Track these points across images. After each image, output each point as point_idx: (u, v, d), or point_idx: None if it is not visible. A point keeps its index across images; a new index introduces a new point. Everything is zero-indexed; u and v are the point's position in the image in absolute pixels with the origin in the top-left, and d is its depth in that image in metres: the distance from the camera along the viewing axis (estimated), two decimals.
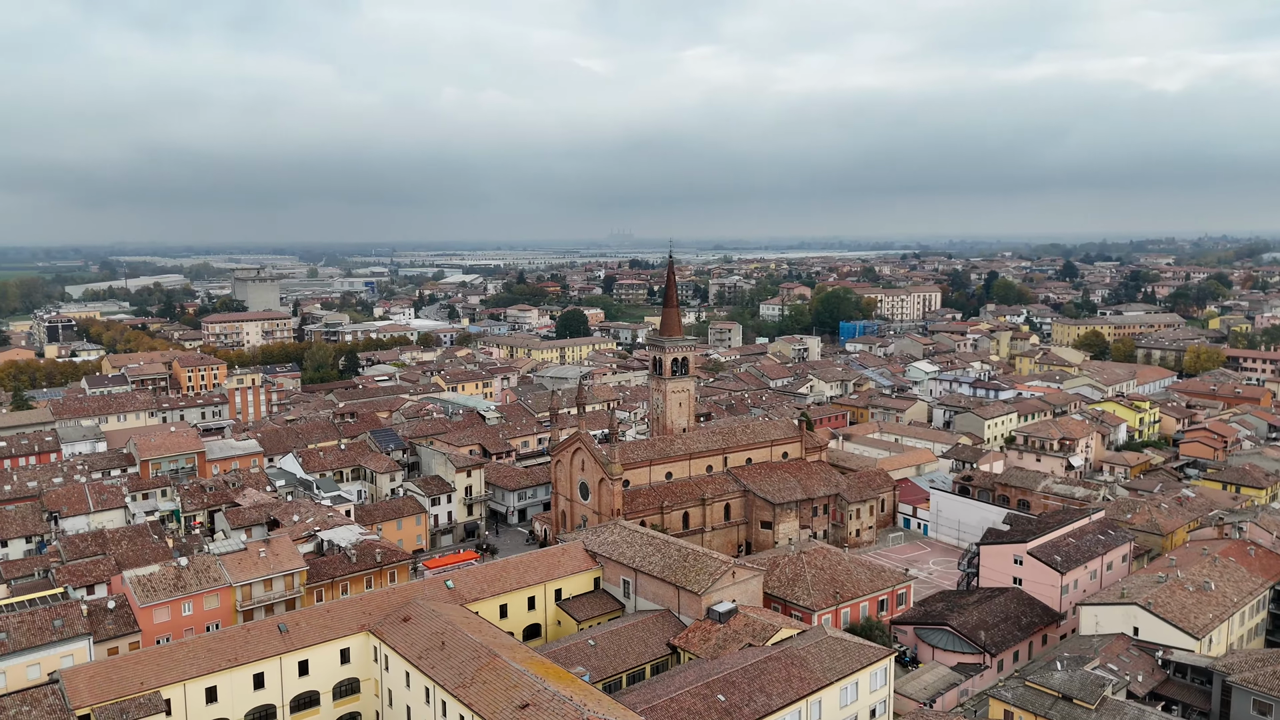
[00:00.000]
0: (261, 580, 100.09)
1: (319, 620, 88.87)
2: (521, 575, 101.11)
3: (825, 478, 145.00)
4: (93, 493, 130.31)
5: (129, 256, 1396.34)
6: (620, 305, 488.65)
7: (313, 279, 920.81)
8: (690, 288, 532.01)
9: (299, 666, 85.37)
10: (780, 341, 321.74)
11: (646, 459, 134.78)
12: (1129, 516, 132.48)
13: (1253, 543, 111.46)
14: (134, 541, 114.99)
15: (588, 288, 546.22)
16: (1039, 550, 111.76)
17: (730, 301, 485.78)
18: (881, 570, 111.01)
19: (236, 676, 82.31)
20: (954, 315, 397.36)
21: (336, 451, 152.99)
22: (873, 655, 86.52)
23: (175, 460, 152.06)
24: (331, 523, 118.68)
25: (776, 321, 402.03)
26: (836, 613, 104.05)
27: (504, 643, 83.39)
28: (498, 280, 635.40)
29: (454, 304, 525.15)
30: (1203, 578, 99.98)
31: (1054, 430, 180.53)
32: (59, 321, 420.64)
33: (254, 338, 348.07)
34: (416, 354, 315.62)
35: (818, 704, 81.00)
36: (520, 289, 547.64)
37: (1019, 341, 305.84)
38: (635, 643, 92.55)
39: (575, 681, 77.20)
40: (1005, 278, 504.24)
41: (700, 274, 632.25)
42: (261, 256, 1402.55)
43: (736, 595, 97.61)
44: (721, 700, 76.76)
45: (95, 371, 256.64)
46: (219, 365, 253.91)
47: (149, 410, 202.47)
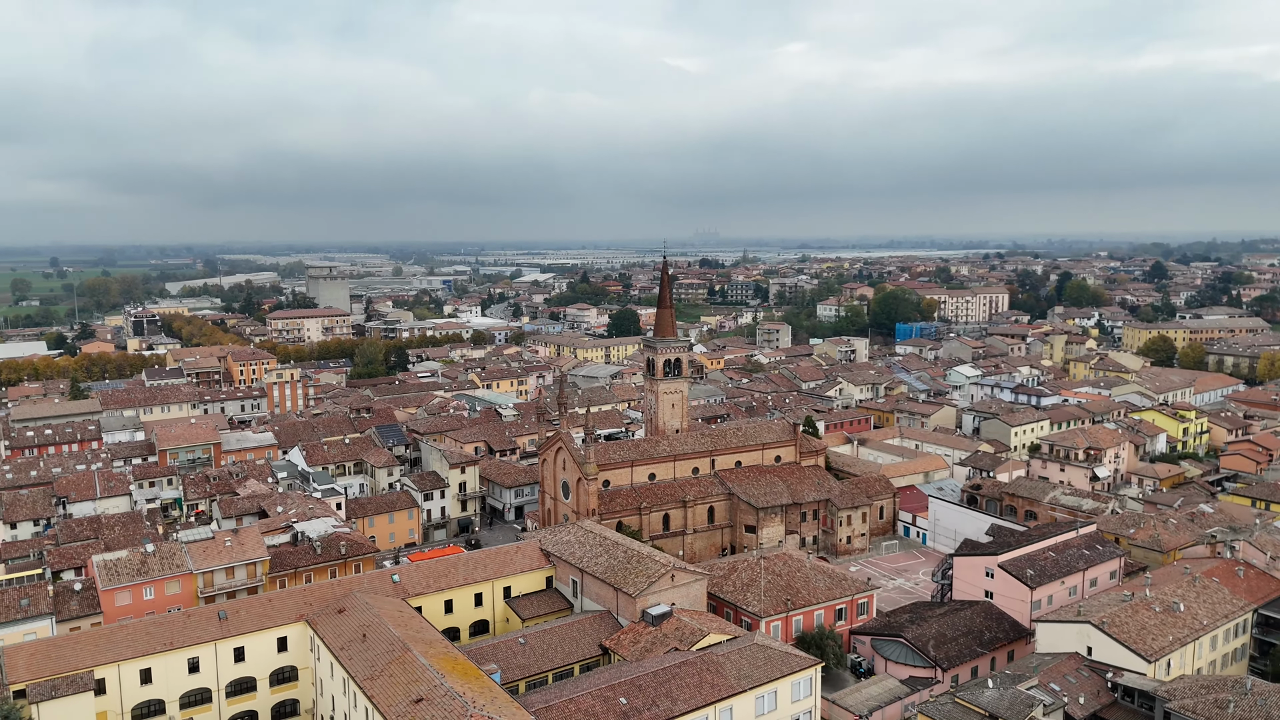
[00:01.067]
0: (223, 568, 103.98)
1: (259, 609, 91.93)
2: (469, 572, 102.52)
3: (817, 483, 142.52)
4: (101, 480, 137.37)
5: (235, 255, 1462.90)
6: (680, 305, 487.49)
7: (397, 277, 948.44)
8: (751, 287, 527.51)
9: (235, 653, 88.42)
10: (827, 343, 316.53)
11: (628, 459, 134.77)
12: (1131, 532, 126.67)
13: (1244, 563, 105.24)
14: (126, 527, 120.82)
15: (649, 287, 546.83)
16: (1010, 564, 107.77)
17: (790, 302, 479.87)
18: (843, 579, 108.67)
19: (171, 660, 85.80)
20: (1017, 318, 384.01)
21: (341, 446, 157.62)
22: (796, 664, 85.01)
23: (192, 450, 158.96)
24: (313, 514, 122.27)
25: (832, 322, 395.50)
26: (787, 620, 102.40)
27: (423, 637, 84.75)
28: (567, 279, 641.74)
29: (519, 303, 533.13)
30: (1174, 598, 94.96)
31: (1080, 439, 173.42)
32: (144, 317, 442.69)
33: (315, 333, 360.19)
34: (467, 351, 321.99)
35: (728, 711, 79.95)
36: (583, 288, 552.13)
37: (1074, 346, 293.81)
38: (567, 643, 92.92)
39: (480, 679, 78.02)
40: (1079, 279, 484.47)
41: (769, 274, 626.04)
42: (356, 255, 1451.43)
43: (676, 599, 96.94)
44: (623, 703, 76.54)
45: (156, 365, 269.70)
46: (269, 359, 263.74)
47: (191, 402, 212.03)
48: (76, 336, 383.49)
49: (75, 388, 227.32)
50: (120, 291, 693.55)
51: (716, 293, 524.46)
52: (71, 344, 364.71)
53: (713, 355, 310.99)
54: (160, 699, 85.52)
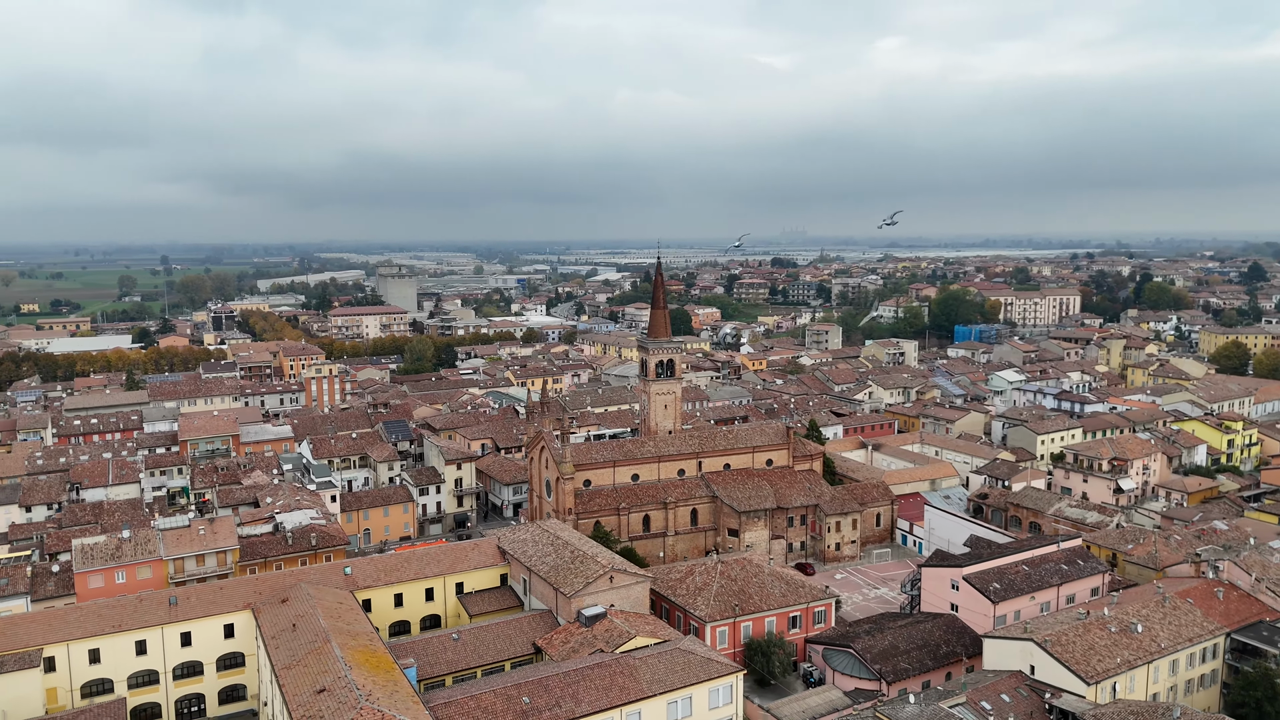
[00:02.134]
0: (194, 556, 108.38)
1: (209, 596, 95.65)
2: (421, 567, 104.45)
3: (808, 487, 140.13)
4: (115, 468, 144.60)
5: (330, 253, 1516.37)
6: (738, 304, 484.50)
7: (477, 275, 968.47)
8: (813, 288, 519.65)
9: (182, 637, 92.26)
10: (874, 345, 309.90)
11: (610, 460, 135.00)
12: (1129, 548, 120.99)
13: (1226, 584, 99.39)
14: (126, 513, 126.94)
15: (710, 286, 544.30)
16: (975, 576, 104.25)
17: (852, 302, 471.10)
18: (801, 586, 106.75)
19: (119, 641, 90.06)
20: (1085, 321, 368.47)
21: (347, 440, 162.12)
22: (716, 671, 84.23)
23: (211, 441, 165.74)
24: (298, 506, 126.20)
25: (890, 324, 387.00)
26: (735, 625, 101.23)
27: (351, 630, 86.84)
28: (632, 279, 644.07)
29: (584, 302, 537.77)
30: (1134, 619, 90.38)
31: (1105, 449, 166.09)
32: (223, 313, 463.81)
33: (373, 330, 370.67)
34: (517, 349, 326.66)
35: (636, 714, 79.75)
36: (645, 287, 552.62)
37: (1133, 351, 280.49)
38: (501, 640, 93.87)
39: (390, 673, 79.52)
40: (1160, 280, 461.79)
41: (839, 274, 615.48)
42: (444, 254, 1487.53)
43: (616, 600, 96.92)
44: (525, 702, 77.10)
45: (214, 359, 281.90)
46: (318, 354, 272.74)
47: (233, 395, 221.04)
48: (157, 331, 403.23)
49: (130, 379, 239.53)
50: (214, 288, 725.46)
51: (778, 292, 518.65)
52: (152, 338, 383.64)
53: (758, 356, 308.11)
54: (109, 678, 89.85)
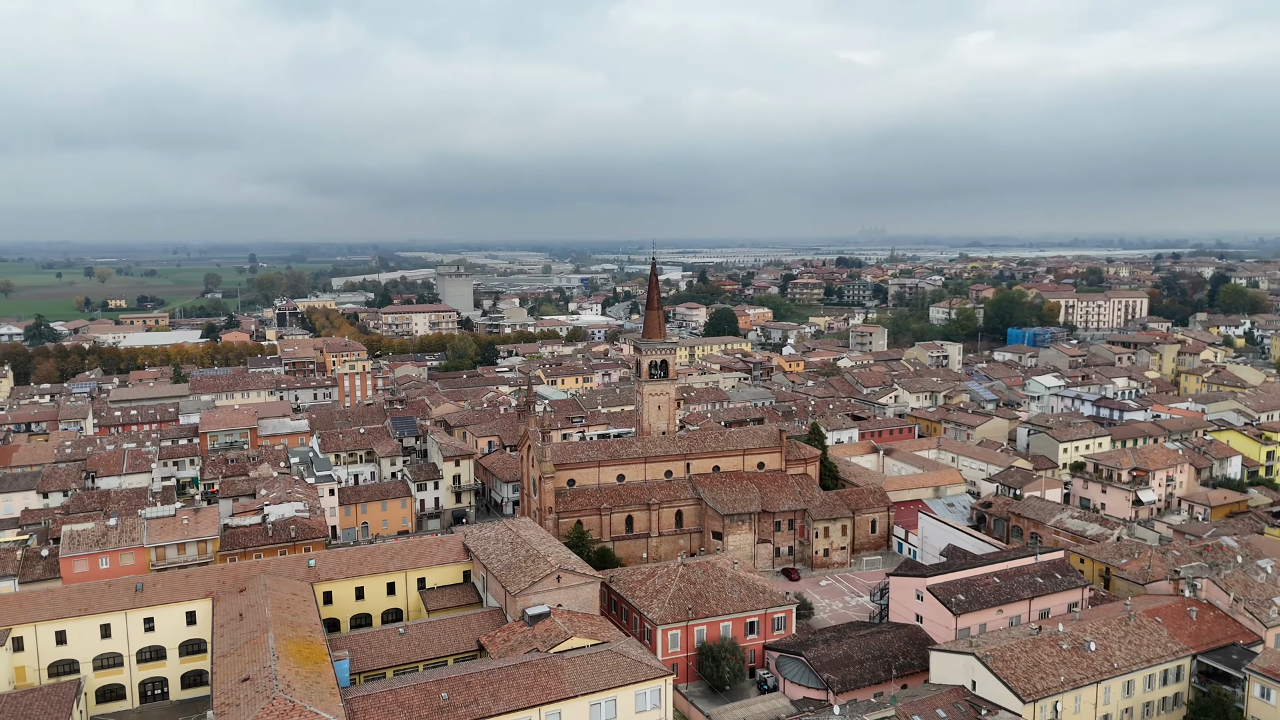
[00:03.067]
0: (175, 544, 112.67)
1: (175, 583, 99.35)
2: (384, 561, 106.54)
3: (798, 492, 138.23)
4: (130, 458, 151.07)
5: (410, 252, 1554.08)
6: (791, 304, 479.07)
7: (545, 274, 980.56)
8: (870, 288, 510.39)
9: (145, 623, 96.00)
10: (918, 347, 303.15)
11: (594, 460, 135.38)
12: (1123, 562, 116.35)
13: (1204, 603, 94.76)
14: (130, 501, 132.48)
15: (765, 286, 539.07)
16: (939, 587, 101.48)
17: (909, 304, 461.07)
18: (761, 592, 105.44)
19: (85, 625, 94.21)
20: (1144, 324, 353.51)
21: (355, 435, 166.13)
22: (644, 674, 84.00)
23: (230, 434, 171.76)
24: (291, 498, 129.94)
25: (942, 326, 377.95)
26: (687, 629, 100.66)
27: (295, 621, 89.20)
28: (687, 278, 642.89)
29: (639, 301, 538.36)
30: (1090, 636, 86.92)
31: (1126, 459, 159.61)
32: (287, 309, 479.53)
33: (422, 328, 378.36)
34: (559, 348, 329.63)
35: (557, 714, 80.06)
36: (699, 287, 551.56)
37: (1187, 357, 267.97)
38: (447, 636, 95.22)
39: (319, 665, 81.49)
40: (1238, 283, 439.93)
41: (904, 274, 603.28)
42: (517, 253, 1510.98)
43: (564, 600, 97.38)
44: (444, 698, 78.15)
45: (261, 354, 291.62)
46: (359, 350, 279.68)
47: (269, 389, 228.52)
48: (224, 326, 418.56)
49: (177, 373, 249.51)
50: (289, 285, 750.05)
51: (834, 293, 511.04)
52: (217, 333, 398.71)
53: (799, 357, 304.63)
54: (75, 659, 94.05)
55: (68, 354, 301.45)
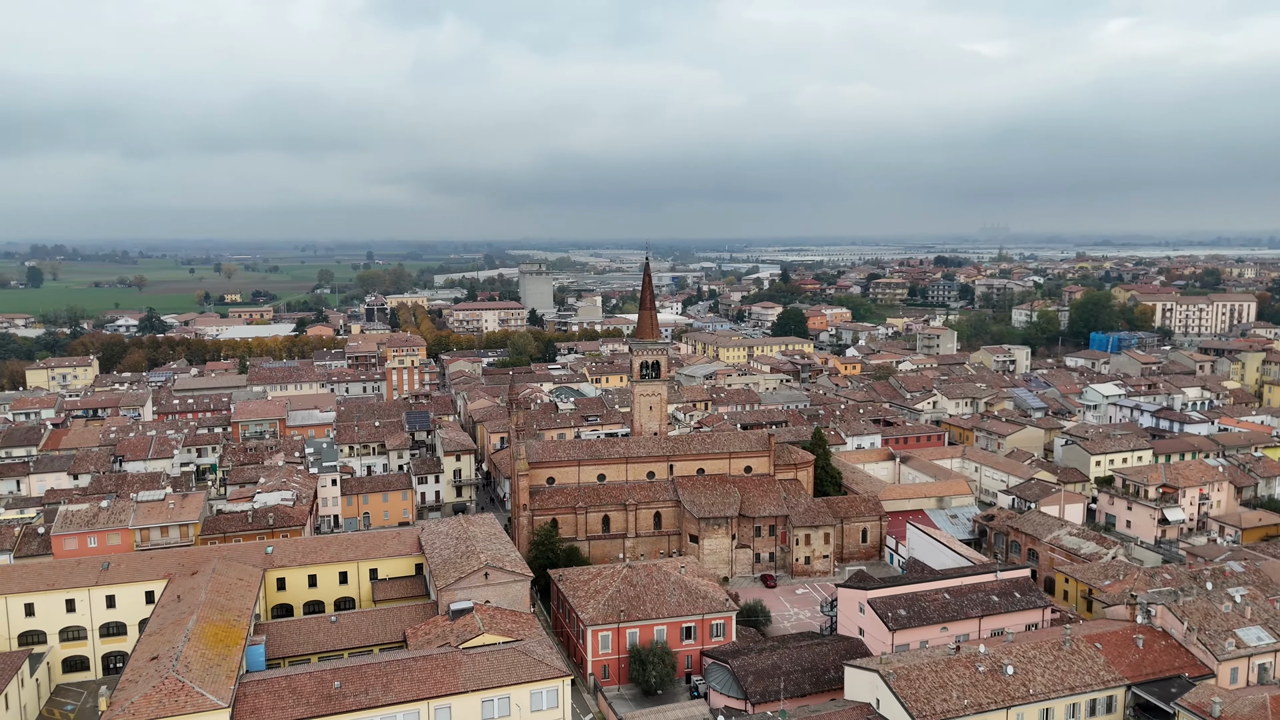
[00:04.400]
0: (159, 527, 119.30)
1: (139, 564, 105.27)
2: (338, 551, 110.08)
3: (784, 497, 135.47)
4: (156, 444, 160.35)
5: (518, 250, 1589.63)
6: (872, 305, 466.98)
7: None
8: (955, 288, 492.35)
9: (107, 599, 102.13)
10: (983, 351, 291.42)
11: (574, 459, 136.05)
12: (1106, 584, 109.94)
13: (1157, 631, 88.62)
14: (146, 485, 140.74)
15: (847, 286, 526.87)
16: (879, 601, 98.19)
17: (995, 305, 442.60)
18: (702, 597, 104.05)
19: (51, 598, 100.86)
20: (1245, 330, 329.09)
21: (370, 428, 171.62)
22: (542, 674, 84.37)
23: (260, 424, 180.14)
24: (284, 487, 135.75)
25: (1022, 329, 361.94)
26: (619, 631, 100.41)
27: (226, 605, 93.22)
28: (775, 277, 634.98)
29: (721, 300, 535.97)
30: (1011, 659, 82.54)
31: (1154, 475, 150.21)
32: (375, 305, 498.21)
33: (491, 324, 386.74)
34: (618, 345, 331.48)
35: (447, 709, 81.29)
36: (779, 286, 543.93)
37: (1273, 366, 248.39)
38: (376, 627, 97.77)
39: (230, 649, 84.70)
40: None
41: (1002, 275, 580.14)
42: (619, 251, 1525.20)
43: (492, 596, 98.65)
44: (336, 686, 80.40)
45: (326, 348, 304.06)
46: (419, 345, 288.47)
47: (321, 381, 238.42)
48: (313, 321, 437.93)
49: (242, 364, 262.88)
50: (392, 282, 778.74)
51: (918, 293, 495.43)
52: (305, 327, 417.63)
53: (859, 360, 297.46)
54: (43, 630, 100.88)
55: (159, 345, 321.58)
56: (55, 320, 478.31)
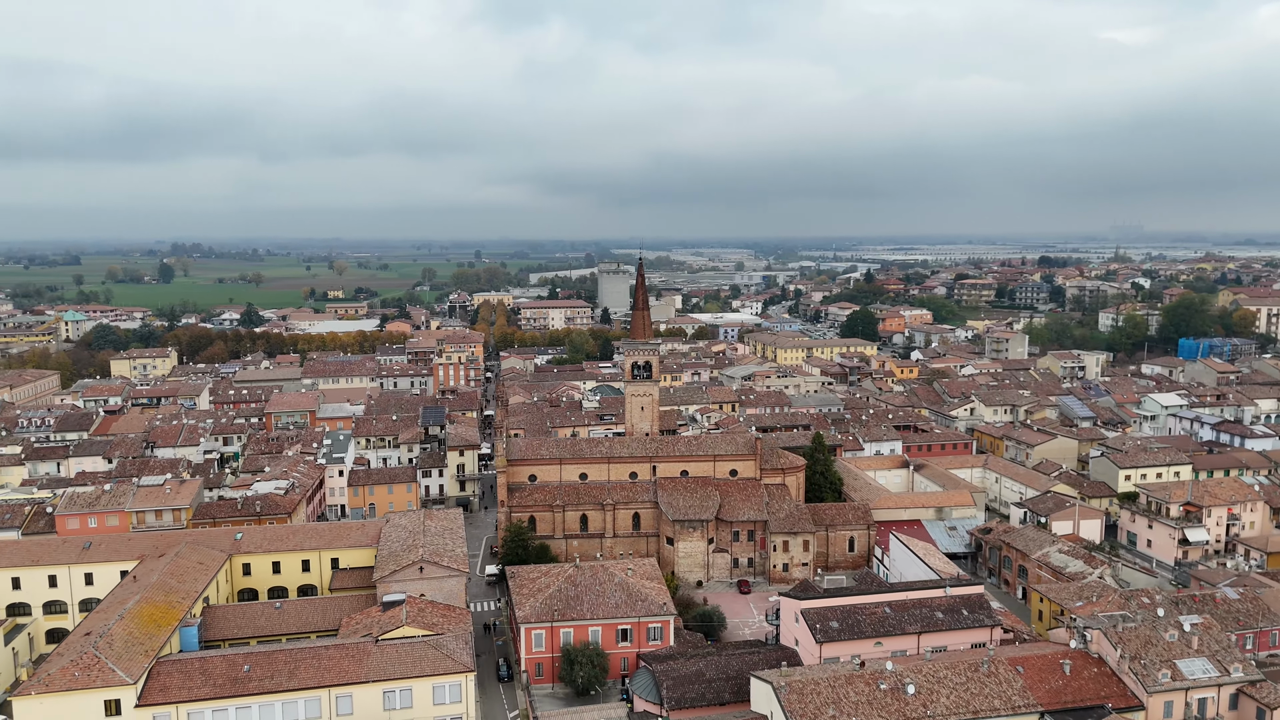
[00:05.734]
0: (153, 510, 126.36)
1: (118, 545, 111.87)
2: (302, 540, 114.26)
3: (764, 502, 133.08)
4: (186, 432, 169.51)
5: (621, 249, 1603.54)
6: (955, 306, 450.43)
7: (738, 270, 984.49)
8: (1045, 290, 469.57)
9: (85, 577, 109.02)
10: (1050, 357, 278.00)
11: (556, 457, 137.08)
12: (1079, 604, 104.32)
13: (1092, 657, 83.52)
14: (164, 470, 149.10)
15: (932, 286, 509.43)
16: (812, 613, 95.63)
17: (1087, 308, 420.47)
18: (642, 600, 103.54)
19: (35, 573, 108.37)
20: None
21: (388, 421, 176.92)
22: (444, 669, 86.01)
23: (292, 415, 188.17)
24: (284, 477, 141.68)
25: (1106, 334, 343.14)
26: (552, 630, 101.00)
27: (173, 587, 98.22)
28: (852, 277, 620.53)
29: (801, 301, 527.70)
30: (915, 678, 79.34)
31: (1178, 492, 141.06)
32: (458, 302, 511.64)
33: (557, 322, 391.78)
34: (678, 345, 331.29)
35: (348, 698, 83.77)
36: (861, 286, 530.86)
37: None
38: (317, 614, 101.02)
39: (160, 629, 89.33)
40: None
41: (1106, 276, 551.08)
42: (721, 250, 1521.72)
43: (427, 590, 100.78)
44: (245, 670, 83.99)
45: (388, 343, 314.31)
46: (476, 344, 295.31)
47: (370, 376, 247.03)
48: (394, 317, 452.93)
49: (303, 358, 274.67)
50: (487, 280, 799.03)
51: (1004, 295, 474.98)
52: (385, 323, 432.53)
53: (918, 363, 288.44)
54: (28, 603, 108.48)
55: (241, 338, 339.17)
56: (169, 314, 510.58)
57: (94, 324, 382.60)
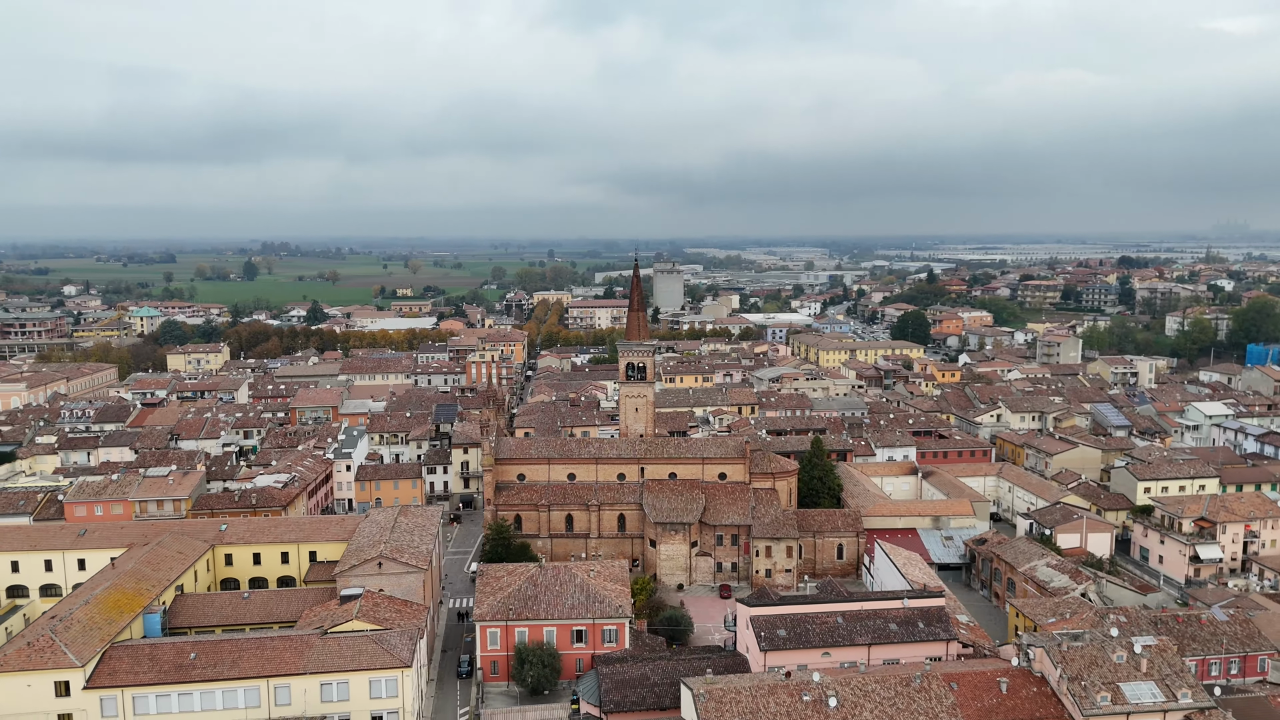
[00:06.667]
0: (155, 500, 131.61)
1: (111, 532, 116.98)
2: (282, 534, 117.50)
3: (750, 507, 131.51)
4: (210, 425, 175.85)
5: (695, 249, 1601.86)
6: (1018, 308, 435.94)
7: (807, 270, 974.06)
8: (1115, 292, 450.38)
9: (78, 562, 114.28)
10: (1100, 362, 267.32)
11: (544, 456, 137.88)
12: (1050, 621, 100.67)
13: (1035, 676, 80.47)
14: (182, 461, 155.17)
15: (995, 287, 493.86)
16: (761, 620, 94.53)
17: (1159, 310, 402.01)
18: (599, 601, 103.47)
19: (33, 557, 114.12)
20: None
21: (402, 418, 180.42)
22: (380, 664, 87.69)
23: (316, 410, 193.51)
24: (290, 470, 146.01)
25: (1171, 338, 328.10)
26: (507, 629, 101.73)
27: (145, 575, 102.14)
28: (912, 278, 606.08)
29: (862, 302, 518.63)
30: (843, 692, 77.70)
31: (1190, 506, 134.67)
32: (514, 301, 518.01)
33: (604, 321, 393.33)
34: (720, 345, 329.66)
35: (286, 688, 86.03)
36: (922, 287, 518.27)
37: None
38: (281, 606, 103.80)
39: (121, 614, 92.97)
40: None
41: (1190, 277, 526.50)
42: (794, 249, 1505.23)
43: (386, 585, 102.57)
44: (191, 658, 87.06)
45: (437, 340, 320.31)
46: (516, 343, 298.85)
47: (405, 373, 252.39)
48: (450, 315, 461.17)
49: (344, 353, 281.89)
50: (551, 278, 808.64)
51: (1069, 296, 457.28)
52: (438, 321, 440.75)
53: (965, 367, 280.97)
54: (25, 585, 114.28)
55: (296, 334, 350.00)
56: (240, 311, 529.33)
57: (164, 319, 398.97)
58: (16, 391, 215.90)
